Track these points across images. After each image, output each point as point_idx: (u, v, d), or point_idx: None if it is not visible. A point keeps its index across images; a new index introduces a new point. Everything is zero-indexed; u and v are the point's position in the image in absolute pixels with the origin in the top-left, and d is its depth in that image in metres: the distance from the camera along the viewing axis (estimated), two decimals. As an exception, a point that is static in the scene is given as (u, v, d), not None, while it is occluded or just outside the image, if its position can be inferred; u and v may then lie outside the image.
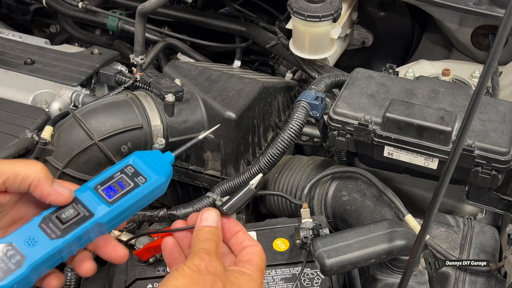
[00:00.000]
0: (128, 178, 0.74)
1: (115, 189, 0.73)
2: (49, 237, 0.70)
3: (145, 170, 0.75)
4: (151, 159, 0.76)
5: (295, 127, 1.14)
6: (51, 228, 0.70)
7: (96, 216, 0.72)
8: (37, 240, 0.69)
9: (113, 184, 0.74)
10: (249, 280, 0.71)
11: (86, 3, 1.73)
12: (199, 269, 0.68)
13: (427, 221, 0.75)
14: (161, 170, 0.75)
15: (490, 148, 1.03)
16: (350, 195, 1.19)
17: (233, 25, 1.72)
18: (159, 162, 0.76)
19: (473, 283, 1.04)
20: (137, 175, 0.74)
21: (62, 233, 0.70)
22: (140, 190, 0.74)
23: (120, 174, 0.74)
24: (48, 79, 1.38)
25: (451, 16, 1.50)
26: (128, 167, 0.75)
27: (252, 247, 0.76)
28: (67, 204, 0.72)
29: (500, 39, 0.62)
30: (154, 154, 0.77)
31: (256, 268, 0.73)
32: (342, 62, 1.67)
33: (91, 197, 0.73)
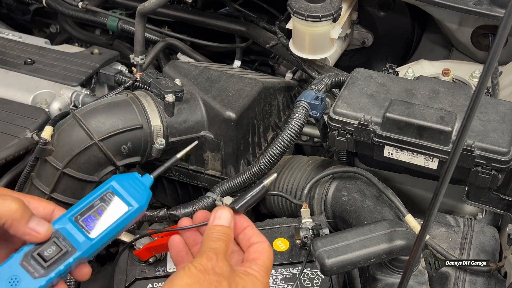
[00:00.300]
0: (105, 204, 0.73)
1: (95, 218, 0.72)
2: (31, 276, 0.68)
3: (125, 197, 0.73)
4: (130, 184, 0.75)
5: (295, 127, 1.14)
6: (33, 266, 0.68)
7: (79, 251, 0.70)
8: (20, 279, 0.67)
9: (93, 214, 0.72)
10: (254, 281, 0.71)
11: (86, 3, 1.73)
12: (206, 269, 0.68)
13: (427, 221, 0.75)
14: (141, 197, 0.74)
15: (490, 148, 1.03)
16: (350, 195, 1.19)
17: (233, 25, 1.72)
18: (138, 187, 0.75)
19: (473, 283, 1.04)
20: (118, 203, 0.73)
21: (46, 271, 0.68)
22: (123, 220, 0.73)
23: (100, 203, 0.73)
24: (48, 79, 1.38)
25: (451, 16, 1.50)
26: (107, 194, 0.73)
27: (259, 244, 0.76)
28: (47, 240, 0.70)
29: (500, 39, 0.62)
30: (132, 177, 0.76)
31: (262, 268, 0.73)
32: (342, 62, 1.67)
33: (72, 229, 0.71)
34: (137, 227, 1.17)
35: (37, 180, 1.14)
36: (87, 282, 1.17)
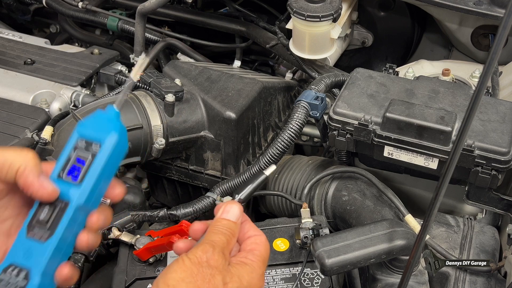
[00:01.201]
0: (83, 152, 0.71)
1: (77, 167, 0.70)
2: (40, 242, 0.69)
3: (94, 136, 0.71)
4: (96, 123, 0.72)
5: (295, 127, 1.14)
6: (39, 233, 0.69)
7: (73, 202, 0.70)
8: (32, 249, 0.68)
9: (73, 164, 0.70)
10: (250, 271, 0.71)
11: (86, 3, 1.73)
12: (199, 262, 0.68)
13: (427, 221, 0.75)
14: (109, 129, 0.71)
15: (490, 148, 1.03)
16: (350, 195, 1.19)
17: (233, 25, 1.72)
18: (105, 122, 0.72)
19: (473, 283, 1.04)
20: (90, 145, 0.71)
21: (50, 232, 0.69)
22: (100, 157, 0.70)
23: (75, 152, 0.71)
24: (48, 79, 1.38)
25: (451, 16, 1.50)
26: (79, 142, 0.71)
27: (256, 237, 0.75)
28: (40, 204, 0.70)
29: (500, 39, 0.62)
30: (96, 116, 0.73)
31: (258, 258, 0.72)
32: (342, 62, 1.68)
33: (60, 186, 0.70)
34: (137, 227, 1.17)
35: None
36: (87, 282, 1.17)
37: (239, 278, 0.69)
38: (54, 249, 0.69)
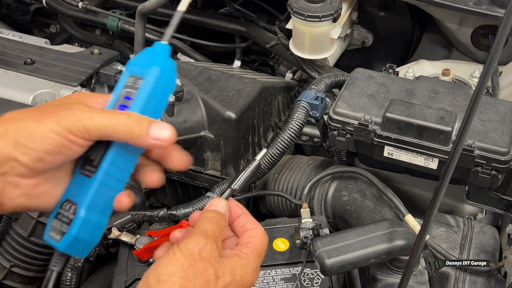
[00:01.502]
0: (131, 88, 0.71)
1: (125, 105, 0.70)
2: (88, 177, 0.70)
3: (140, 71, 0.71)
4: (144, 58, 0.72)
5: (295, 127, 1.14)
6: (88, 169, 0.70)
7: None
8: (81, 185, 0.70)
9: (123, 102, 0.70)
10: (243, 265, 0.70)
11: (86, 3, 1.73)
12: (191, 254, 0.66)
13: (427, 221, 0.75)
14: (152, 63, 0.71)
15: (490, 148, 1.03)
16: (350, 195, 1.19)
17: (233, 25, 1.72)
18: (151, 58, 0.72)
19: (473, 283, 1.04)
20: (136, 81, 0.71)
21: (95, 168, 0.70)
22: (142, 91, 0.70)
23: (124, 89, 0.71)
24: (48, 79, 1.38)
25: (451, 16, 1.50)
26: (129, 79, 0.71)
27: (253, 230, 0.74)
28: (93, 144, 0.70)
29: (500, 39, 0.62)
30: (144, 52, 0.73)
31: (253, 251, 0.71)
32: (342, 62, 1.68)
33: None
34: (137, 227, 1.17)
35: (37, 180, 1.14)
36: (87, 282, 1.17)
37: (232, 272, 0.68)
38: (98, 184, 0.70)
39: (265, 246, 0.74)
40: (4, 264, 1.25)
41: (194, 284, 0.64)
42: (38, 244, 1.22)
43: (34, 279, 1.30)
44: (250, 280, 0.70)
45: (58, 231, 0.70)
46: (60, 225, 0.70)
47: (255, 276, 0.71)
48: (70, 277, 1.12)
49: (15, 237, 1.23)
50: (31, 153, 0.64)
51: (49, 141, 0.64)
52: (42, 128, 0.64)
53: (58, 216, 0.70)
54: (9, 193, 0.66)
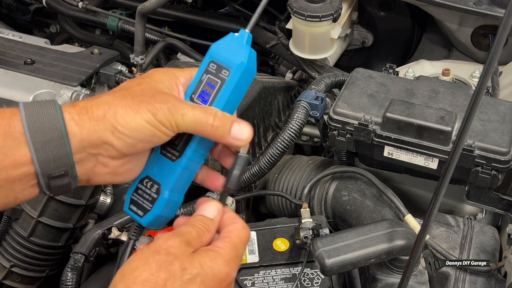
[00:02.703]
0: (214, 76, 0.72)
1: (207, 92, 0.72)
2: (171, 160, 0.73)
3: (225, 61, 0.72)
4: (229, 47, 0.73)
5: (295, 127, 1.14)
6: (171, 152, 0.73)
7: None
8: (164, 166, 0.73)
9: (204, 88, 0.72)
10: (214, 257, 0.67)
11: (86, 3, 1.73)
12: (157, 250, 0.65)
13: (427, 221, 0.75)
14: (239, 54, 0.72)
15: (490, 148, 1.03)
16: (350, 195, 1.19)
17: (233, 25, 1.72)
18: (236, 47, 0.73)
19: (473, 283, 1.04)
20: (220, 70, 0.72)
21: (180, 153, 0.73)
22: (228, 84, 0.72)
23: (206, 75, 0.72)
24: (48, 79, 1.38)
25: (451, 16, 1.50)
26: (210, 65, 0.72)
27: (231, 225, 0.73)
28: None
29: (500, 39, 0.62)
30: (229, 40, 0.73)
31: (227, 245, 0.69)
32: (342, 62, 1.67)
33: None
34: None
35: (37, 180, 1.14)
36: (87, 282, 1.17)
37: (200, 264, 0.66)
38: (182, 169, 0.73)
39: (243, 237, 0.72)
40: (4, 264, 1.25)
41: (158, 277, 0.63)
42: (38, 244, 1.22)
43: (34, 279, 1.30)
44: (223, 272, 0.67)
45: (140, 207, 0.74)
46: (142, 201, 0.74)
47: (230, 268, 0.68)
48: (70, 277, 1.12)
49: (15, 237, 1.23)
50: (126, 139, 0.68)
51: (144, 131, 0.68)
52: (139, 119, 0.67)
53: (139, 192, 0.74)
54: (98, 171, 0.70)
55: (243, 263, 1.04)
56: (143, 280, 0.63)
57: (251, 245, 1.07)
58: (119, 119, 0.67)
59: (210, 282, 0.66)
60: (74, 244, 1.23)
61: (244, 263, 1.04)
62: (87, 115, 0.67)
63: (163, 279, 0.63)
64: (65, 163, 0.66)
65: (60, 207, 1.17)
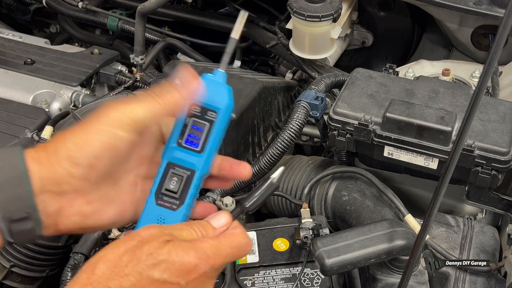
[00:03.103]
0: (199, 119, 0.72)
1: (194, 135, 0.72)
2: (172, 210, 0.72)
3: (209, 103, 0.72)
4: (208, 87, 0.73)
5: (295, 127, 1.14)
6: (169, 201, 0.72)
7: (198, 171, 0.72)
8: (165, 217, 0.72)
9: (190, 132, 0.72)
10: (187, 247, 0.64)
11: (86, 3, 1.73)
12: (133, 236, 0.64)
13: (427, 221, 0.75)
14: (224, 96, 0.73)
15: (490, 148, 1.03)
16: (350, 195, 1.19)
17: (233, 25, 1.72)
18: (216, 87, 0.73)
19: (473, 283, 1.04)
20: (205, 111, 0.72)
21: (181, 201, 0.72)
22: (218, 125, 0.72)
23: (191, 118, 0.72)
24: (48, 79, 1.38)
25: (451, 16, 1.50)
26: (192, 108, 0.72)
27: (229, 230, 0.71)
28: (165, 173, 0.72)
29: (500, 39, 0.62)
30: (207, 80, 0.73)
31: (209, 241, 0.66)
32: (342, 62, 1.67)
33: (182, 155, 0.72)
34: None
35: (37, 180, 1.14)
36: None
37: (169, 251, 0.62)
38: (185, 217, 0.72)
39: (233, 242, 0.68)
40: (4, 264, 1.25)
41: (121, 259, 0.61)
42: (38, 244, 1.22)
43: (34, 279, 1.30)
44: (192, 263, 0.63)
45: None
46: None
47: (202, 262, 0.64)
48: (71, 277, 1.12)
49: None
50: (82, 160, 0.66)
51: (97, 145, 0.66)
52: (91, 133, 0.66)
53: None
54: (64, 212, 0.67)
55: (243, 263, 1.04)
56: (105, 260, 0.62)
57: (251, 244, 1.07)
58: (69, 143, 0.66)
59: (176, 270, 0.62)
60: (74, 244, 1.23)
61: (244, 263, 1.04)
62: (45, 151, 0.66)
63: (125, 261, 0.61)
64: (26, 204, 0.64)
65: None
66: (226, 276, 1.02)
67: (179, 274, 0.62)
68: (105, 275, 0.60)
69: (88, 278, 0.60)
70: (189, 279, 0.63)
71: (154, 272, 0.61)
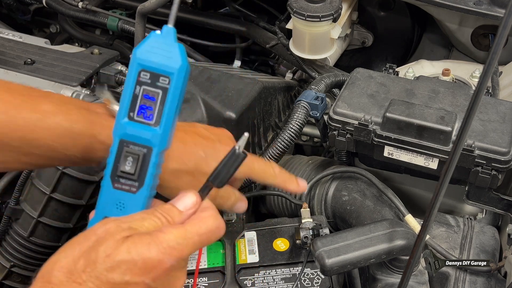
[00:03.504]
0: (150, 86, 0.63)
1: (147, 106, 0.63)
2: (131, 193, 0.65)
3: (159, 67, 0.63)
4: (156, 48, 0.63)
5: (295, 127, 1.14)
6: (127, 184, 0.65)
7: (156, 147, 0.64)
8: (124, 201, 0.65)
9: (142, 103, 0.63)
10: (148, 242, 0.59)
11: (86, 3, 1.73)
12: (87, 235, 0.59)
13: (427, 221, 0.75)
14: (174, 55, 0.63)
15: (490, 148, 1.03)
16: (350, 195, 1.19)
17: (233, 25, 1.72)
18: (165, 48, 0.63)
19: (473, 283, 1.04)
20: (157, 78, 0.63)
21: (140, 182, 0.65)
22: (173, 91, 0.63)
23: (141, 87, 0.63)
24: (48, 79, 1.38)
25: (451, 16, 1.50)
26: (142, 74, 0.63)
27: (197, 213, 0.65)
28: (119, 153, 0.64)
29: (500, 39, 0.62)
30: (154, 40, 0.63)
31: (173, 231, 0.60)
32: (342, 62, 1.67)
33: (135, 130, 0.64)
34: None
35: (37, 180, 1.15)
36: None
37: (128, 249, 0.58)
38: (146, 199, 0.65)
39: (202, 227, 0.62)
40: (4, 264, 1.25)
41: (76, 264, 0.57)
42: (38, 244, 1.22)
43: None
44: (155, 259, 0.58)
45: None
46: None
47: (166, 256, 0.59)
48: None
49: (15, 237, 1.23)
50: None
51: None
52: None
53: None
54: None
55: (243, 263, 1.04)
56: (60, 266, 0.57)
57: (251, 245, 1.07)
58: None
59: (138, 270, 0.58)
60: (74, 244, 1.23)
61: (244, 263, 1.04)
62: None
63: (82, 266, 0.57)
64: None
65: (60, 207, 1.16)
66: (226, 276, 1.02)
67: (142, 273, 0.58)
68: (63, 283, 0.56)
69: (44, 287, 0.57)
70: (154, 276, 0.59)
71: (114, 275, 0.57)
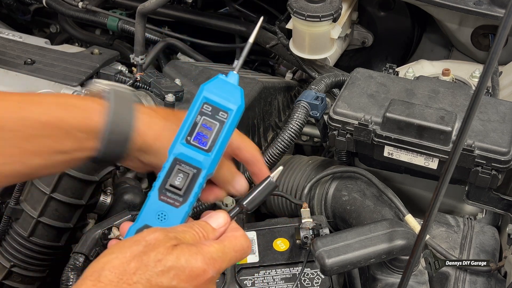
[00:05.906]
0: (210, 118, 0.72)
1: (203, 134, 0.72)
2: (174, 207, 0.71)
3: (221, 103, 0.72)
4: (220, 87, 0.73)
5: (295, 127, 1.14)
6: (172, 198, 0.71)
7: (204, 169, 0.71)
8: (166, 213, 0.71)
9: (200, 130, 0.72)
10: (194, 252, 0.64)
11: (86, 3, 1.73)
12: (138, 240, 0.63)
13: (427, 221, 0.75)
14: (236, 97, 0.73)
15: (490, 148, 1.03)
16: (350, 195, 1.19)
17: (233, 25, 1.72)
18: (228, 88, 0.73)
19: (473, 283, 1.04)
20: (217, 112, 0.72)
21: (184, 198, 0.71)
22: (228, 126, 0.72)
23: (201, 117, 0.72)
24: (48, 79, 1.38)
25: (451, 16, 1.50)
26: (204, 106, 0.72)
27: (230, 232, 0.71)
28: (171, 169, 0.72)
29: (500, 39, 0.62)
30: (219, 81, 0.73)
31: (214, 245, 0.66)
32: (342, 62, 1.68)
33: (189, 152, 0.72)
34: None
35: (38, 181, 1.15)
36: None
37: (177, 257, 0.62)
38: (186, 215, 0.72)
39: (236, 245, 0.69)
40: (4, 264, 1.25)
41: (128, 265, 0.60)
42: (38, 244, 1.22)
43: (34, 279, 1.30)
44: (200, 268, 0.63)
45: None
46: None
47: (209, 266, 0.64)
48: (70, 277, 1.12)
49: (15, 237, 1.23)
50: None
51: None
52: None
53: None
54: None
55: (243, 263, 1.04)
56: (111, 267, 0.60)
57: (251, 245, 1.07)
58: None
59: (185, 276, 0.62)
60: (74, 244, 1.23)
61: (244, 263, 1.04)
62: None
63: (133, 268, 0.60)
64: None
65: (60, 207, 1.16)
66: (226, 276, 1.02)
67: (188, 279, 0.63)
68: (113, 283, 0.59)
69: (94, 285, 0.59)
70: (197, 284, 0.63)
71: (163, 279, 0.61)
